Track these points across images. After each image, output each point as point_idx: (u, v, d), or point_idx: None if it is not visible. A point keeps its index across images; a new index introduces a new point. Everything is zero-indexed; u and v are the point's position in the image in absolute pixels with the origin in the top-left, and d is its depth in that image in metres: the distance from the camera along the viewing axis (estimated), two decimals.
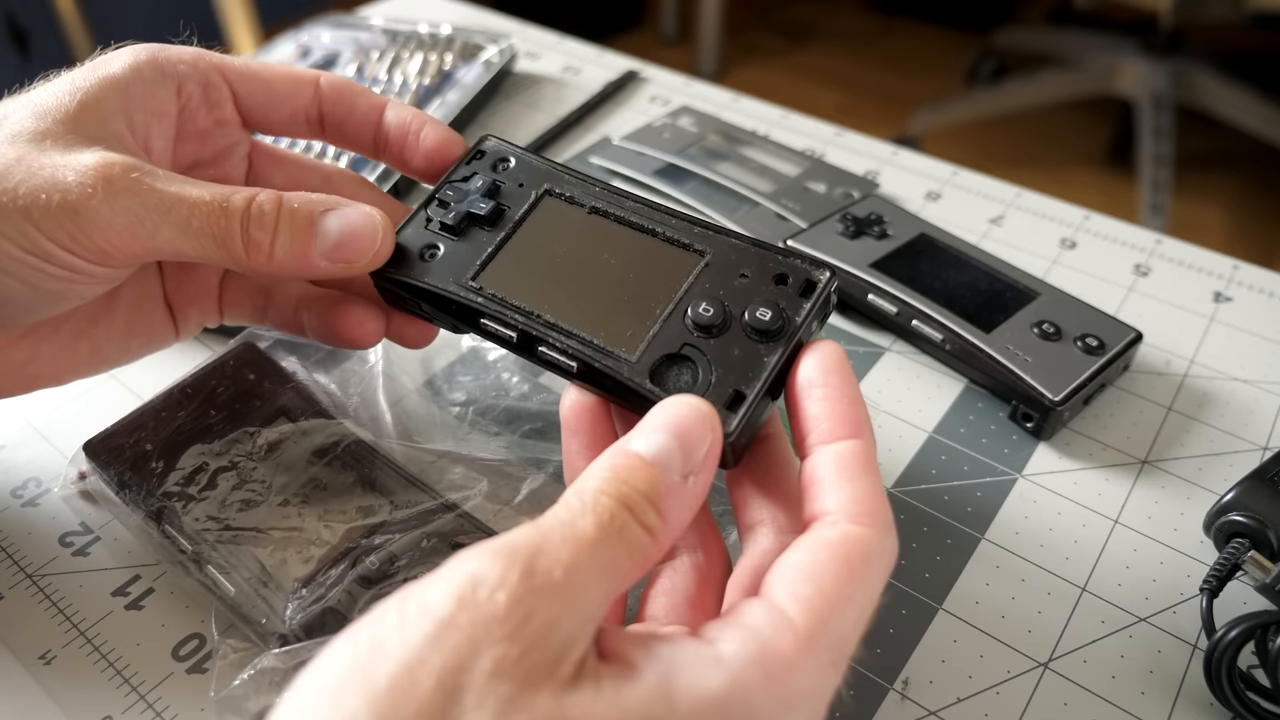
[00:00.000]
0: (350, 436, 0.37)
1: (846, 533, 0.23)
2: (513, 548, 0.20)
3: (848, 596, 0.22)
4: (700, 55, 2.18)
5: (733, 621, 0.22)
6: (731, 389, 0.26)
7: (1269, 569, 0.32)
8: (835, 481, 0.24)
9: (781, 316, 0.27)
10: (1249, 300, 0.48)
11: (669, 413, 0.24)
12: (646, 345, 0.28)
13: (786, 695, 0.20)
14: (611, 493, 0.22)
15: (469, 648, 0.18)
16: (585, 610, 0.20)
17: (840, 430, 0.25)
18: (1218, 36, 1.99)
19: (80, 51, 1.82)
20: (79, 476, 0.36)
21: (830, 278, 0.28)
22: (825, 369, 0.26)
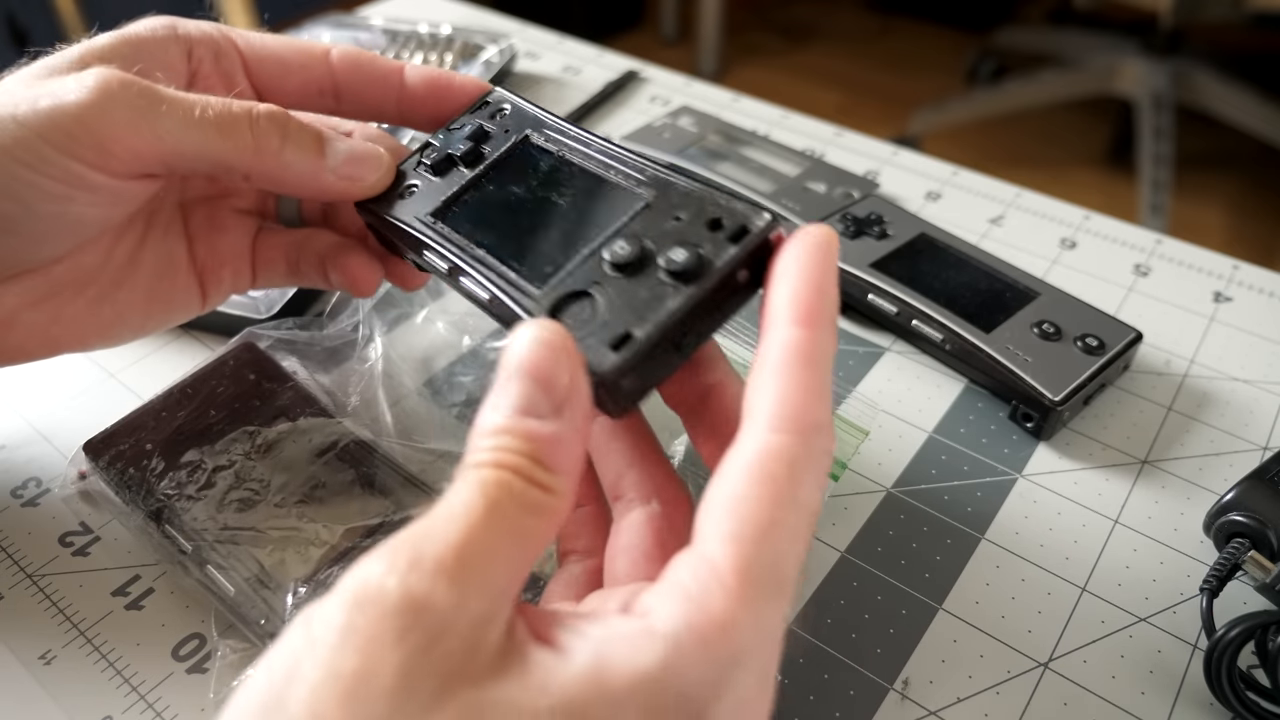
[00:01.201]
0: (349, 436, 0.37)
1: (763, 446, 0.21)
2: (398, 541, 0.19)
3: (776, 520, 0.20)
4: (700, 55, 2.18)
5: (664, 585, 0.20)
6: (623, 329, 0.24)
7: (1269, 569, 0.32)
8: (763, 381, 0.22)
9: (699, 259, 0.24)
10: (1249, 300, 0.48)
11: (515, 352, 0.22)
12: (556, 282, 0.26)
13: (727, 653, 0.19)
14: (489, 462, 0.20)
15: (375, 650, 0.17)
16: (491, 585, 0.19)
17: (786, 316, 0.22)
18: (1218, 36, 1.99)
19: None
20: (79, 476, 0.36)
21: (769, 222, 0.25)
22: (798, 254, 0.23)
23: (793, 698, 0.31)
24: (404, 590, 0.18)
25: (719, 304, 0.25)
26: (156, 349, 0.43)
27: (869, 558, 0.35)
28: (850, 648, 0.33)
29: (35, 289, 0.31)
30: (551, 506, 0.21)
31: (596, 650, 0.19)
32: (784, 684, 0.31)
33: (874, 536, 0.36)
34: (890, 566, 0.35)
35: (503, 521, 0.20)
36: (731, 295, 0.25)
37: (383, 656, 0.17)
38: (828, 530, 0.36)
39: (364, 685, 0.17)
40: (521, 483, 0.20)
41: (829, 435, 0.22)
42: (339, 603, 0.18)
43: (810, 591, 0.34)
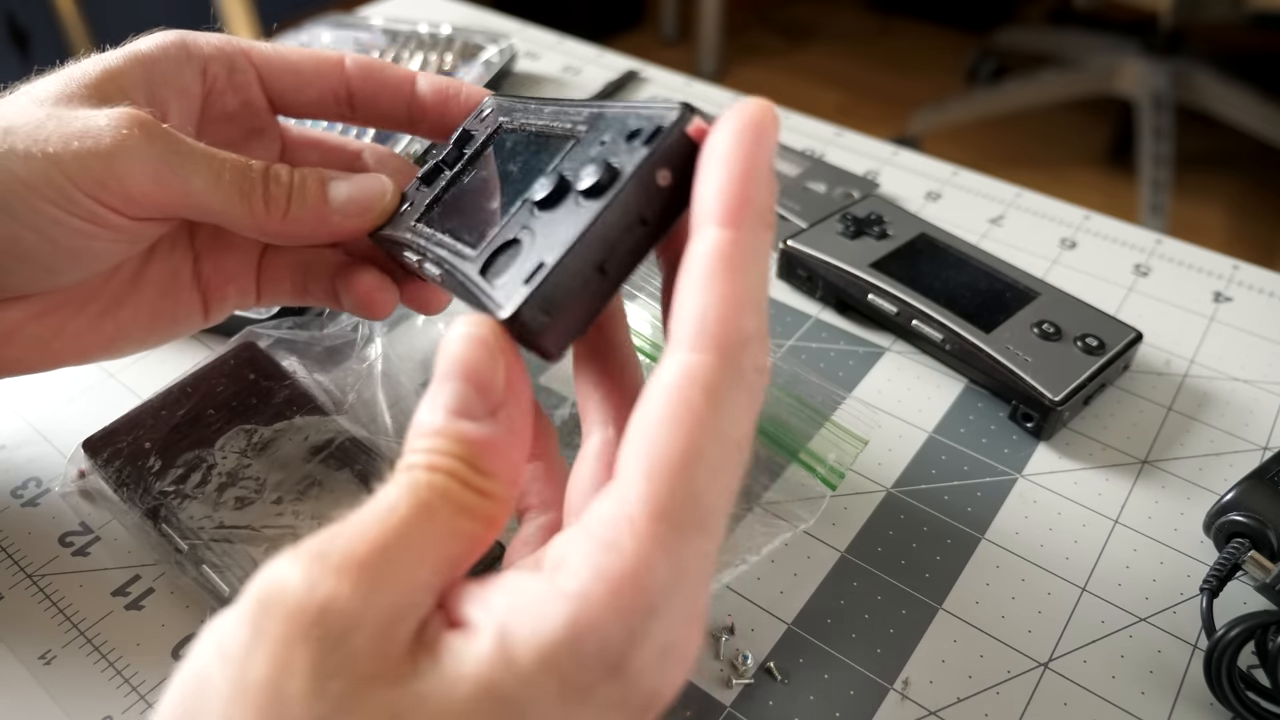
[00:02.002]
0: (346, 435, 0.37)
1: (681, 369, 0.19)
2: (311, 541, 0.18)
3: (693, 453, 0.18)
4: (700, 55, 2.18)
5: (578, 529, 0.19)
6: (536, 261, 0.22)
7: (1269, 569, 0.32)
8: (683, 294, 0.20)
9: (609, 171, 0.22)
10: (1249, 300, 0.48)
11: (448, 351, 0.21)
12: (491, 237, 0.25)
13: (643, 602, 0.18)
14: (422, 464, 0.20)
15: (282, 655, 0.17)
16: (406, 583, 0.18)
17: (709, 217, 0.20)
18: (1218, 36, 1.99)
19: (80, 51, 1.81)
20: (79, 475, 0.36)
21: (681, 114, 0.22)
22: (723, 141, 0.20)
23: (793, 698, 0.31)
24: (308, 588, 0.17)
25: (642, 217, 0.22)
26: (156, 349, 0.43)
27: (869, 558, 0.35)
28: (850, 648, 0.33)
29: (38, 304, 0.31)
30: (487, 510, 0.20)
31: (501, 624, 0.18)
32: (784, 684, 0.31)
33: (874, 536, 0.36)
34: (890, 566, 0.35)
35: (430, 523, 0.19)
36: (658, 205, 0.22)
37: (290, 661, 0.17)
38: (828, 530, 0.36)
39: (273, 693, 0.16)
40: (456, 485, 0.19)
41: (759, 349, 0.20)
42: (245, 607, 0.17)
43: (810, 591, 0.34)
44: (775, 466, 0.38)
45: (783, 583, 0.35)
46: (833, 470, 0.37)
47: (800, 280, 0.47)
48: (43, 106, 0.29)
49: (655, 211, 0.22)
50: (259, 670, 0.17)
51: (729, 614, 0.33)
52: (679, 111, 0.22)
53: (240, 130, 0.34)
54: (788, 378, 0.40)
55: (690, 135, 0.22)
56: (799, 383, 0.40)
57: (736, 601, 0.34)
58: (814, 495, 0.37)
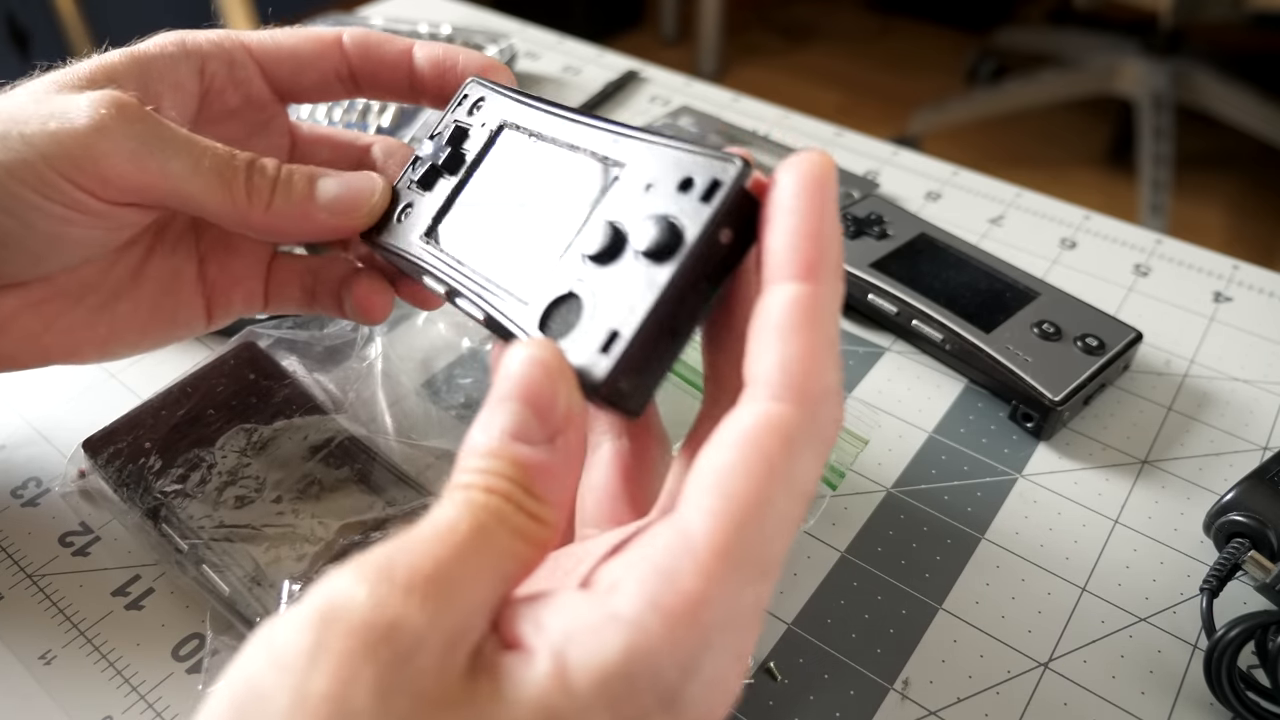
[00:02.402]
0: (344, 433, 0.37)
1: (762, 415, 0.19)
2: (371, 556, 0.18)
3: (765, 500, 0.19)
4: (700, 55, 2.18)
5: (633, 555, 0.19)
6: (609, 328, 0.22)
7: (1269, 569, 0.32)
8: (763, 342, 0.20)
9: (671, 232, 0.22)
10: (1249, 300, 0.48)
11: (509, 373, 0.21)
12: (541, 287, 0.24)
13: (695, 637, 0.18)
14: (479, 485, 0.20)
15: (346, 670, 0.16)
16: (466, 605, 0.18)
17: (785, 271, 0.20)
18: (1218, 36, 1.99)
19: (80, 51, 1.81)
20: (79, 474, 0.36)
21: (742, 170, 0.22)
22: (789, 196, 0.21)
23: (793, 698, 0.31)
24: (374, 605, 0.17)
25: (706, 274, 0.22)
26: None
27: (869, 558, 0.35)
28: (850, 648, 0.33)
29: (32, 293, 0.31)
30: (539, 536, 0.20)
31: (559, 648, 0.18)
32: (784, 684, 0.31)
33: (874, 536, 0.36)
34: (890, 566, 0.35)
35: (487, 545, 0.19)
36: (720, 259, 0.22)
37: (354, 677, 0.16)
38: (828, 530, 0.36)
39: (337, 706, 0.16)
40: (511, 508, 0.19)
41: (837, 402, 0.20)
42: (304, 619, 0.17)
43: (810, 591, 0.34)
44: None
45: (783, 583, 0.35)
46: (833, 470, 0.37)
47: None
48: (32, 95, 0.29)
49: (717, 268, 0.22)
50: (322, 683, 0.16)
51: None
52: (739, 168, 0.22)
53: (245, 126, 0.34)
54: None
55: (750, 191, 0.22)
56: None
57: None
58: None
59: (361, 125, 0.51)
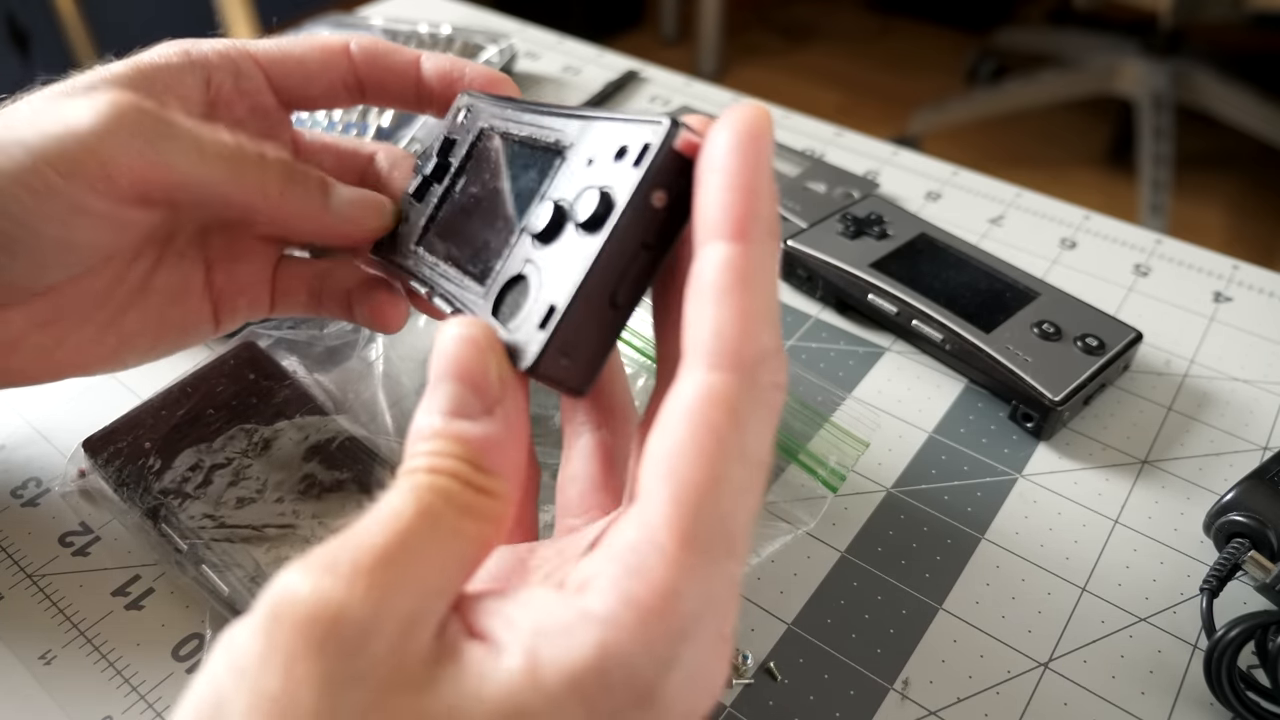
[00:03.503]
0: (345, 434, 0.37)
1: (701, 389, 0.19)
2: (320, 550, 0.18)
3: (719, 476, 0.18)
4: (700, 55, 2.18)
5: (603, 552, 0.19)
6: (547, 305, 0.22)
7: (1269, 569, 0.32)
8: (696, 308, 0.19)
9: (604, 200, 0.21)
10: (1249, 300, 0.48)
11: (440, 353, 0.21)
12: (496, 273, 0.24)
13: (673, 627, 0.18)
14: (424, 467, 0.20)
15: (295, 666, 0.16)
16: (418, 588, 0.18)
17: (716, 231, 0.19)
18: (1218, 36, 1.99)
19: (80, 51, 1.81)
20: (79, 474, 0.36)
21: (669, 131, 0.21)
22: (719, 153, 0.20)
23: (793, 698, 0.31)
24: (318, 597, 0.17)
25: (644, 240, 0.21)
26: None
27: (869, 558, 0.35)
28: (850, 648, 0.33)
29: (42, 312, 0.30)
30: (491, 510, 0.20)
31: (530, 644, 0.18)
32: (784, 684, 0.31)
33: (874, 536, 0.36)
34: (890, 566, 0.35)
35: (435, 525, 0.19)
36: (659, 224, 0.22)
37: (305, 672, 0.16)
38: (828, 530, 0.36)
39: (290, 704, 0.16)
40: (458, 486, 0.19)
41: (777, 366, 0.19)
42: (257, 619, 0.17)
43: (810, 591, 0.34)
44: (776, 468, 0.38)
45: (783, 583, 0.35)
46: (834, 473, 0.37)
47: (800, 280, 0.47)
48: (32, 107, 0.29)
49: (656, 234, 0.22)
50: (273, 684, 0.16)
51: None
52: (666, 128, 0.21)
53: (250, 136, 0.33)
54: (788, 378, 0.40)
55: (681, 151, 0.21)
56: (799, 383, 0.40)
57: None
58: (814, 496, 0.37)
59: (361, 125, 0.51)
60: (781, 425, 0.38)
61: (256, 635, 0.17)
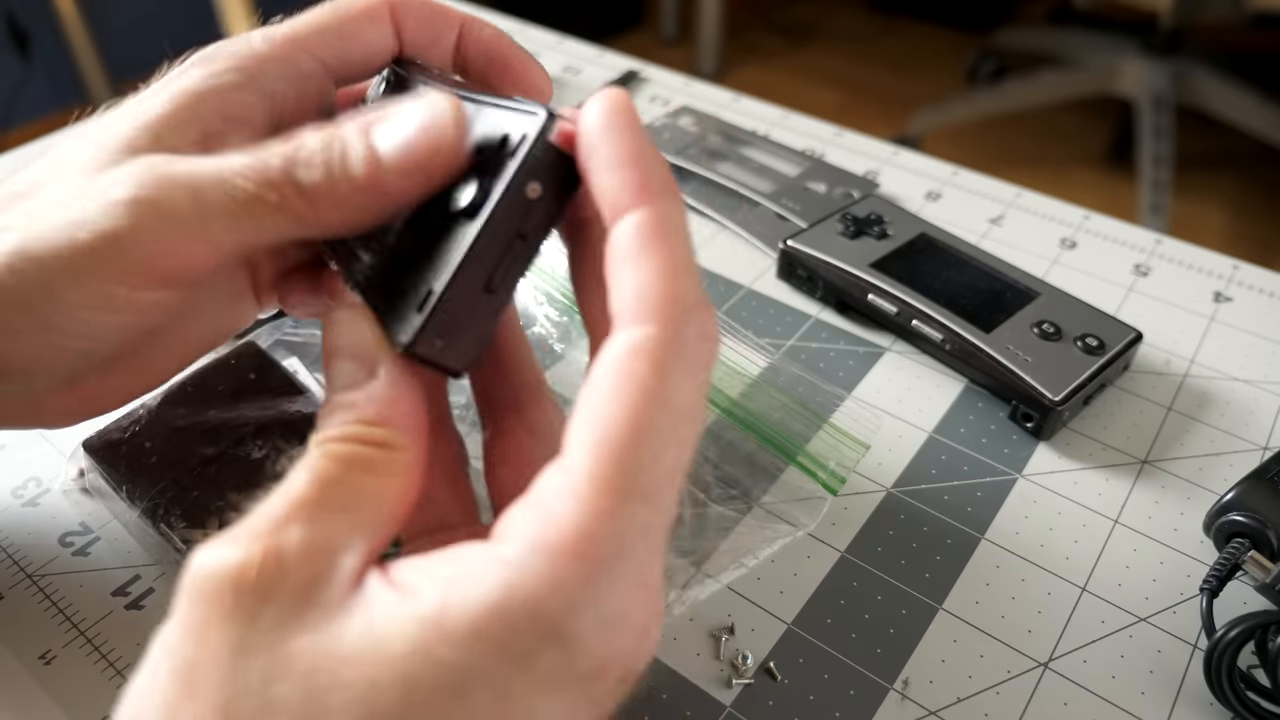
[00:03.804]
0: None
1: (626, 342, 0.19)
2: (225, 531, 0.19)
3: (642, 424, 0.18)
4: (700, 55, 2.18)
5: (526, 500, 0.19)
6: (425, 289, 0.22)
7: (1269, 569, 0.32)
8: (616, 274, 0.20)
9: (481, 189, 0.22)
10: (1249, 300, 0.48)
11: (324, 343, 0.23)
12: (386, 256, 0.25)
13: (581, 571, 0.18)
14: (318, 439, 0.21)
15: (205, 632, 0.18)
16: (320, 543, 0.19)
17: (617, 203, 0.20)
18: (1218, 36, 1.99)
19: (80, 51, 1.82)
20: (79, 474, 0.36)
21: (545, 123, 0.21)
22: (596, 136, 0.20)
23: (793, 698, 0.31)
24: (219, 564, 0.18)
25: (519, 232, 0.22)
26: None
27: (869, 558, 0.35)
28: (850, 648, 0.33)
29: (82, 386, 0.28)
30: (391, 461, 0.21)
31: (442, 589, 0.18)
32: (784, 684, 0.31)
33: (874, 536, 0.36)
34: (890, 566, 0.35)
35: (329, 486, 0.20)
36: (535, 215, 0.22)
37: (214, 636, 0.18)
38: (828, 530, 0.36)
39: (202, 670, 0.17)
40: (350, 446, 0.20)
41: (704, 316, 0.20)
42: (179, 596, 0.19)
43: (810, 591, 0.34)
44: (774, 469, 0.38)
45: (783, 583, 0.35)
46: (834, 475, 0.37)
47: (800, 280, 0.47)
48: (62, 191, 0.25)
49: (531, 225, 0.22)
50: (187, 651, 0.18)
51: (729, 614, 0.33)
52: (541, 121, 0.21)
53: None
54: (788, 379, 0.40)
55: (554, 143, 0.22)
56: (799, 383, 0.40)
57: (736, 601, 0.34)
58: (814, 497, 0.37)
59: None
60: (780, 425, 0.38)
61: (177, 610, 0.18)
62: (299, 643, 0.18)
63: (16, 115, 1.82)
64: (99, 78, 1.84)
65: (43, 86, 1.86)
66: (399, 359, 0.22)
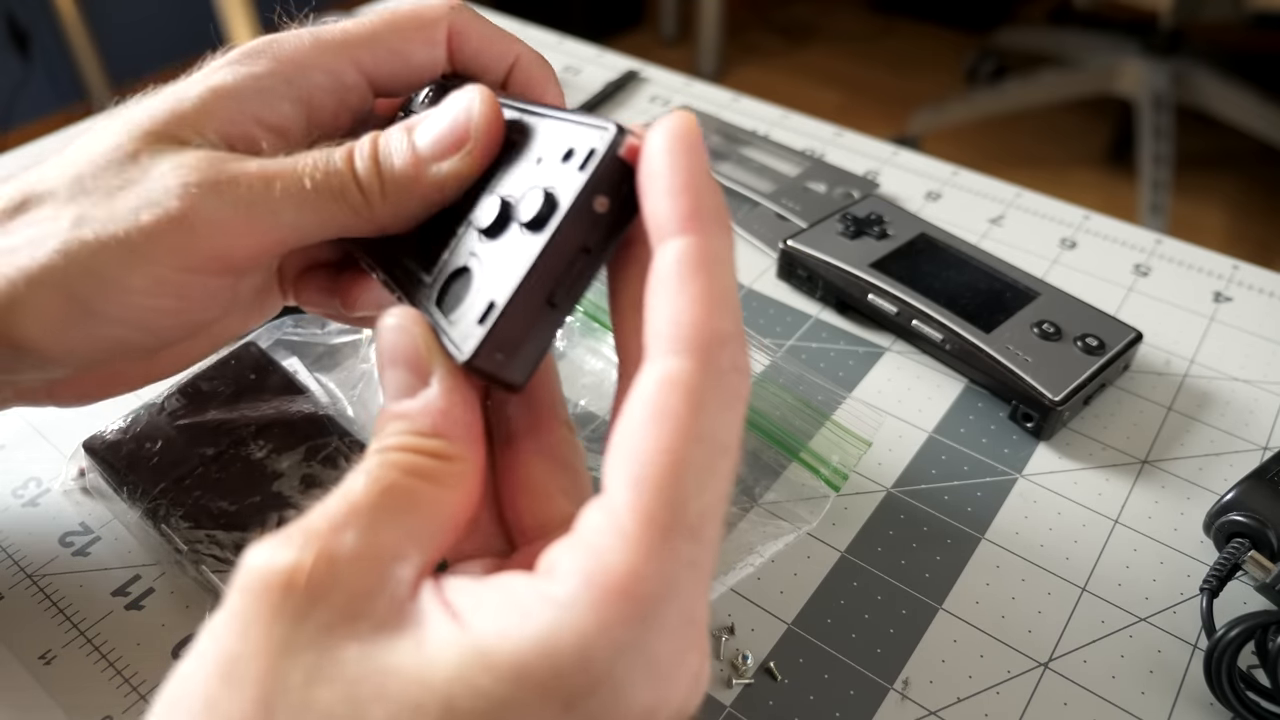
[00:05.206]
0: (345, 435, 0.37)
1: (661, 374, 0.19)
2: (281, 529, 0.19)
3: (679, 459, 0.18)
4: (700, 55, 2.18)
5: (571, 537, 0.19)
6: (487, 301, 0.22)
7: (1269, 569, 0.32)
8: (655, 301, 0.20)
9: (548, 201, 0.22)
10: (1249, 300, 0.48)
11: (378, 347, 0.22)
12: (441, 265, 0.25)
13: (631, 610, 0.17)
14: (375, 448, 0.21)
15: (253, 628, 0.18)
16: (376, 554, 0.19)
17: (667, 227, 0.20)
18: (1218, 36, 1.99)
19: (80, 51, 1.82)
20: (79, 474, 0.36)
21: (615, 138, 0.21)
22: (659, 157, 0.20)
23: (793, 698, 0.31)
24: (272, 564, 0.18)
25: (585, 243, 0.22)
26: None
27: (869, 558, 0.35)
28: (850, 648, 0.33)
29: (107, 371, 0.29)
30: (447, 471, 0.21)
31: (490, 620, 0.18)
32: (784, 684, 0.31)
33: (874, 536, 0.36)
34: (890, 566, 0.35)
35: (387, 493, 0.20)
36: (600, 229, 0.22)
37: (260, 633, 0.18)
38: (828, 530, 0.36)
39: (244, 664, 0.17)
40: (408, 456, 0.20)
41: (737, 349, 0.19)
42: (229, 590, 0.19)
43: (810, 591, 0.34)
44: (777, 466, 0.38)
45: (783, 583, 0.35)
46: (836, 472, 0.37)
47: (800, 280, 0.47)
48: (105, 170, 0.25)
49: (596, 238, 0.22)
50: (232, 645, 0.18)
51: (729, 614, 0.33)
52: (612, 135, 0.21)
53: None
54: (789, 378, 0.40)
55: (623, 158, 0.22)
56: (800, 382, 0.40)
57: (736, 601, 0.34)
58: (816, 496, 0.37)
59: None
60: (783, 422, 0.38)
61: (226, 604, 0.18)
62: (347, 650, 0.18)
63: (16, 115, 1.82)
64: (99, 78, 1.84)
65: (43, 87, 1.86)
66: (454, 369, 0.22)
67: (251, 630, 0.18)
